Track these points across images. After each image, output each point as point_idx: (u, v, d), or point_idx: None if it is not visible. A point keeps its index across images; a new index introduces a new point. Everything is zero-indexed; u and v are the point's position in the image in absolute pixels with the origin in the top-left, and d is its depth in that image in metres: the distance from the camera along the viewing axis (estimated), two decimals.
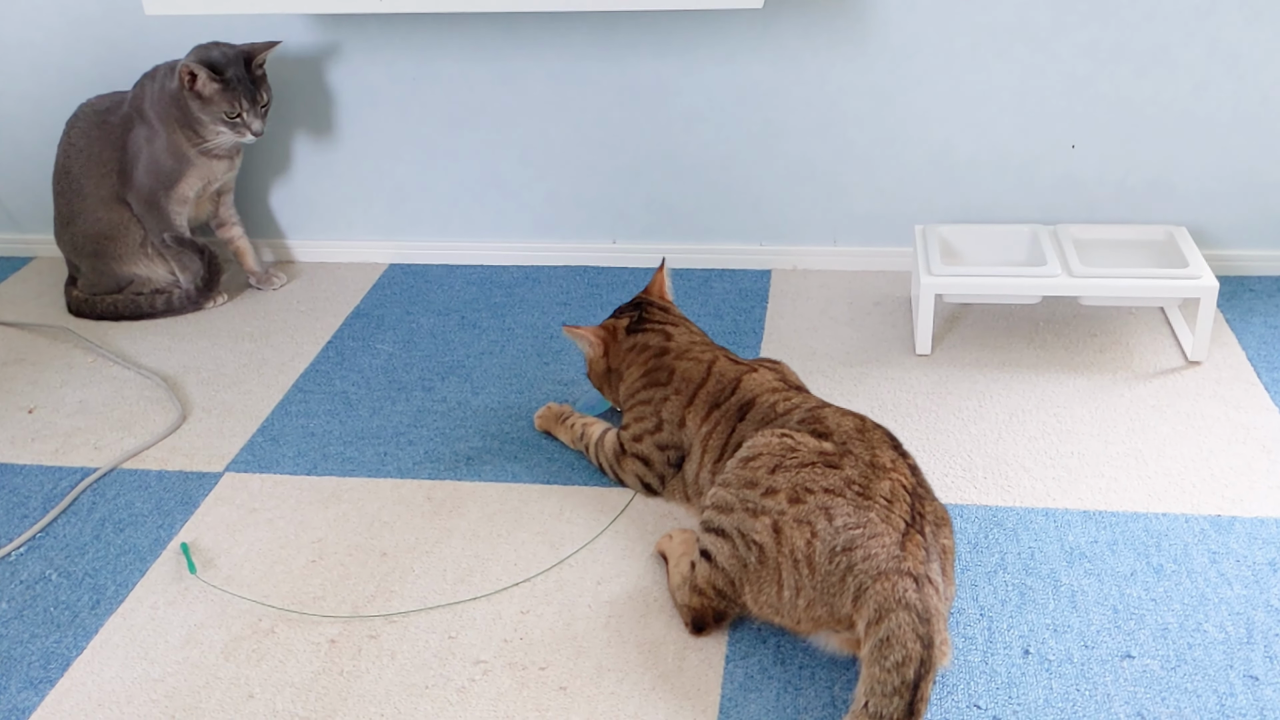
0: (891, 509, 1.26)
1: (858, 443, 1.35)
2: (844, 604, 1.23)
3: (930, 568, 1.23)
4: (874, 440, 1.36)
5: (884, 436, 1.38)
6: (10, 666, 1.39)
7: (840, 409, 1.43)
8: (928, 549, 1.25)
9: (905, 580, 1.20)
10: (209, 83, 1.95)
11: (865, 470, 1.30)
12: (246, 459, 1.74)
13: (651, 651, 1.36)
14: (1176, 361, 1.85)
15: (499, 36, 2.08)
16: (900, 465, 1.34)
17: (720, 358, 1.57)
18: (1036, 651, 1.33)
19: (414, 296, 2.18)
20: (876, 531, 1.24)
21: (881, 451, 1.34)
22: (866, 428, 1.38)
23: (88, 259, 2.13)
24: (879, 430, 1.39)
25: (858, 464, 1.31)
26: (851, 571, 1.22)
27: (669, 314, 1.67)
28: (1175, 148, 2.00)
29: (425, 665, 1.36)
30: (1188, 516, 1.52)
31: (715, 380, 1.53)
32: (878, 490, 1.28)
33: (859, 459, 1.32)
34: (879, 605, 1.19)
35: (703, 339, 1.63)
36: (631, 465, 1.58)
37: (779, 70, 2.04)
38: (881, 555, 1.22)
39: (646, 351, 1.61)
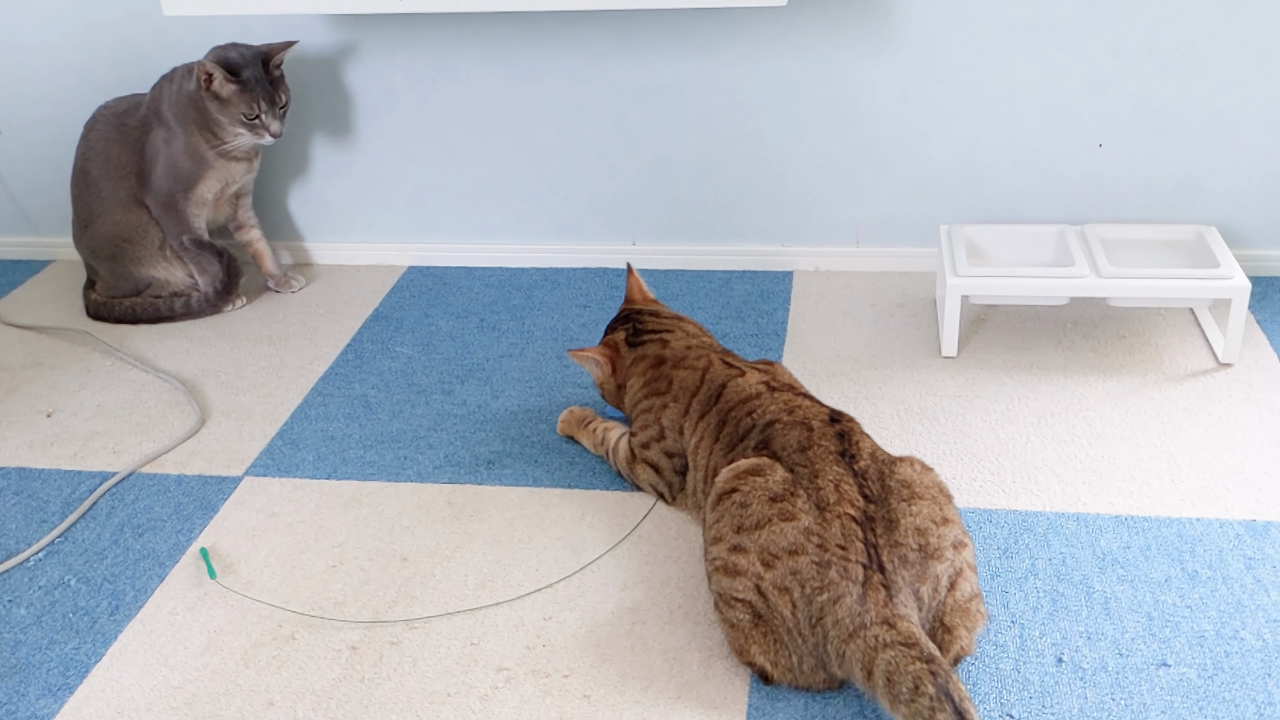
0: (847, 555, 1.23)
1: (802, 468, 1.32)
2: (834, 667, 1.22)
3: (896, 602, 1.20)
4: (817, 456, 1.33)
5: (830, 444, 1.34)
6: (29, 673, 1.38)
7: (794, 413, 1.40)
8: (889, 583, 1.21)
9: (874, 629, 1.18)
10: (226, 83, 1.94)
11: (816, 515, 1.27)
12: (266, 463, 1.73)
13: (676, 659, 1.34)
14: (1207, 363, 1.82)
15: (517, 37, 2.06)
16: (845, 484, 1.29)
17: (715, 362, 1.55)
18: (1070, 659, 1.31)
19: (433, 299, 2.17)
20: (838, 594, 1.21)
21: (825, 473, 1.30)
22: (813, 440, 1.35)
23: (106, 262, 2.12)
24: (826, 435, 1.35)
25: (809, 504, 1.28)
26: (828, 639, 1.21)
27: (660, 318, 1.66)
28: (1204, 146, 1.97)
29: (447, 672, 1.34)
30: (1222, 521, 1.49)
31: (707, 387, 1.52)
32: (831, 538, 1.24)
33: (807, 495, 1.29)
34: (862, 661, 1.18)
35: (699, 340, 1.62)
36: (643, 472, 1.57)
37: (801, 68, 2.01)
38: (846, 619, 1.19)
39: (645, 361, 1.60)
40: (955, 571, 1.26)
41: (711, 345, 1.62)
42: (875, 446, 1.38)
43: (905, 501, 1.29)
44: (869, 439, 1.39)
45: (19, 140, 2.32)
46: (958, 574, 1.26)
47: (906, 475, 1.32)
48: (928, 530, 1.26)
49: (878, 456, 1.35)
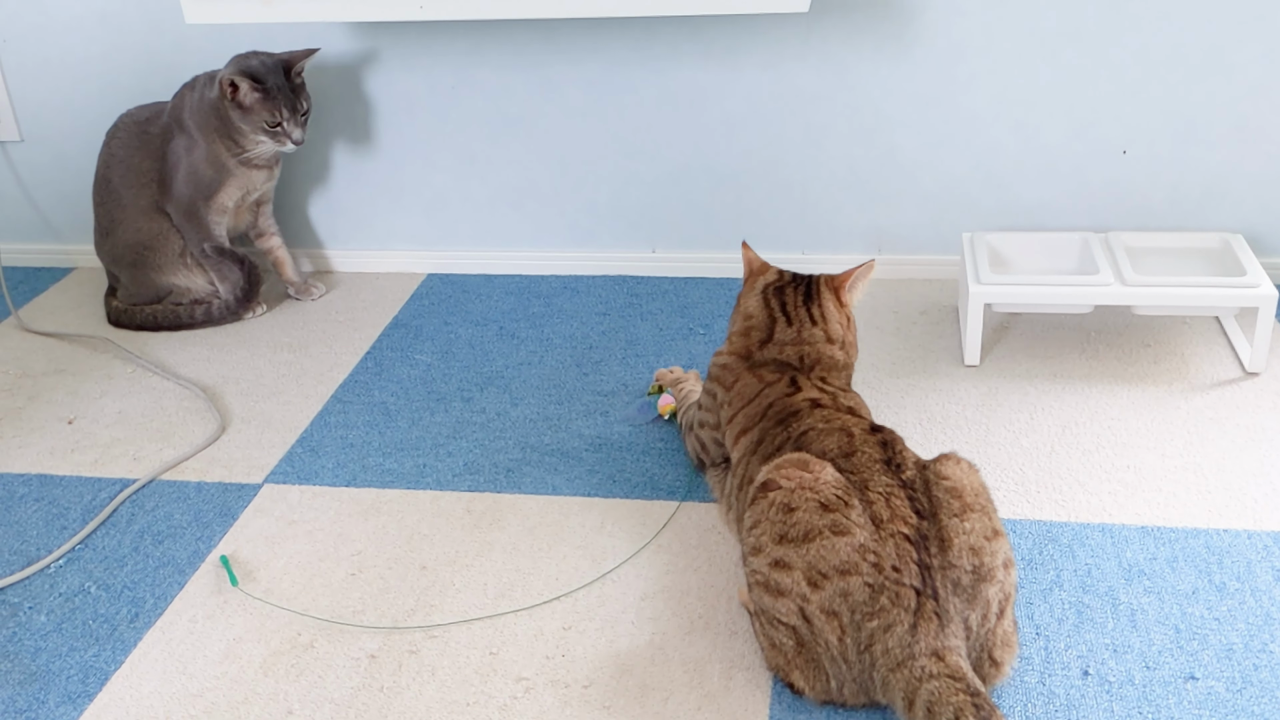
0: (901, 579, 1.18)
1: (850, 474, 1.27)
2: (877, 693, 1.19)
3: (947, 632, 1.17)
4: (862, 463, 1.28)
5: (873, 452, 1.29)
6: (49, 680, 1.38)
7: (831, 422, 1.36)
8: (941, 611, 1.17)
9: (922, 660, 1.15)
10: (250, 92, 1.95)
11: (872, 530, 1.21)
12: (285, 470, 1.72)
13: (697, 670, 1.33)
14: (1234, 373, 1.80)
15: (538, 44, 2.06)
16: (896, 497, 1.23)
17: (781, 379, 1.48)
18: (1096, 672, 1.29)
19: (452, 306, 2.16)
20: (890, 622, 1.17)
21: (874, 483, 1.25)
22: (854, 446, 1.30)
23: (127, 269, 2.13)
24: (868, 442, 1.30)
25: (863, 517, 1.22)
26: (874, 666, 1.18)
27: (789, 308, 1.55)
28: (1230, 153, 1.95)
29: (466, 682, 1.33)
30: (1250, 532, 1.47)
31: (758, 402, 1.46)
32: (887, 558, 1.19)
33: (861, 507, 1.23)
34: (905, 691, 1.15)
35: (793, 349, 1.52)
36: (691, 441, 1.61)
37: (822, 75, 2.00)
38: (895, 649, 1.16)
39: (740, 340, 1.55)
40: (1004, 596, 1.22)
41: (801, 357, 1.50)
42: (916, 457, 1.32)
43: (957, 516, 1.22)
44: (911, 451, 1.33)
45: (42, 148, 2.33)
46: (1006, 599, 1.22)
47: (955, 480, 1.25)
48: (981, 549, 1.21)
49: (921, 465, 1.29)
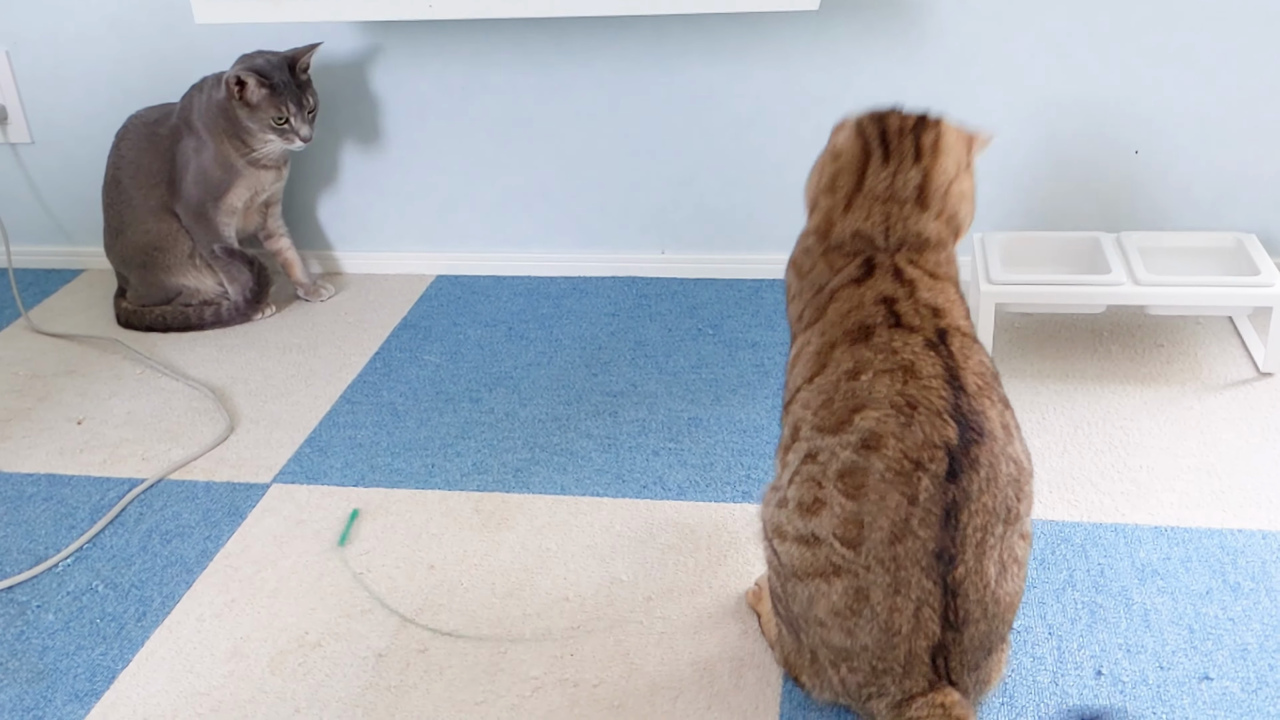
0: (908, 674, 1.10)
1: (880, 573, 1.08)
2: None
3: (960, 703, 1.11)
4: (904, 564, 1.08)
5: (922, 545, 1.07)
6: (56, 679, 1.37)
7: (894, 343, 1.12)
8: (961, 690, 1.11)
9: (912, 710, 1.11)
10: (257, 89, 1.95)
11: (881, 637, 1.09)
12: (294, 470, 1.72)
13: (706, 669, 1.32)
14: (1247, 373, 1.79)
15: (547, 45, 2.06)
16: (926, 611, 1.07)
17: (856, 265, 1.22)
18: (1109, 673, 1.28)
19: (461, 308, 2.16)
20: (887, 693, 1.12)
21: (905, 596, 1.08)
22: (900, 531, 1.07)
23: (137, 270, 2.13)
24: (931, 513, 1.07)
25: (872, 626, 1.09)
26: (875, 716, 1.15)
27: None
28: (1244, 152, 1.94)
29: (475, 681, 1.32)
30: (1265, 533, 1.46)
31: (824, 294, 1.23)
32: (893, 659, 1.09)
33: (877, 615, 1.09)
34: None
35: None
36: None
37: (832, 75, 2.00)
38: (887, 711, 1.12)
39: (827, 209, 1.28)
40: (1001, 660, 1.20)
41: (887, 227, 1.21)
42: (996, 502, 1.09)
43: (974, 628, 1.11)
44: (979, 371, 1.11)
45: (52, 150, 2.33)
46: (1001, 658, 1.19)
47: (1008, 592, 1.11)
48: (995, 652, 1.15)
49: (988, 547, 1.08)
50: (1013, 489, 1.09)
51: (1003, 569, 1.10)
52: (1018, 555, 1.12)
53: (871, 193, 1.21)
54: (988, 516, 1.08)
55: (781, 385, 1.83)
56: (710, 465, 1.66)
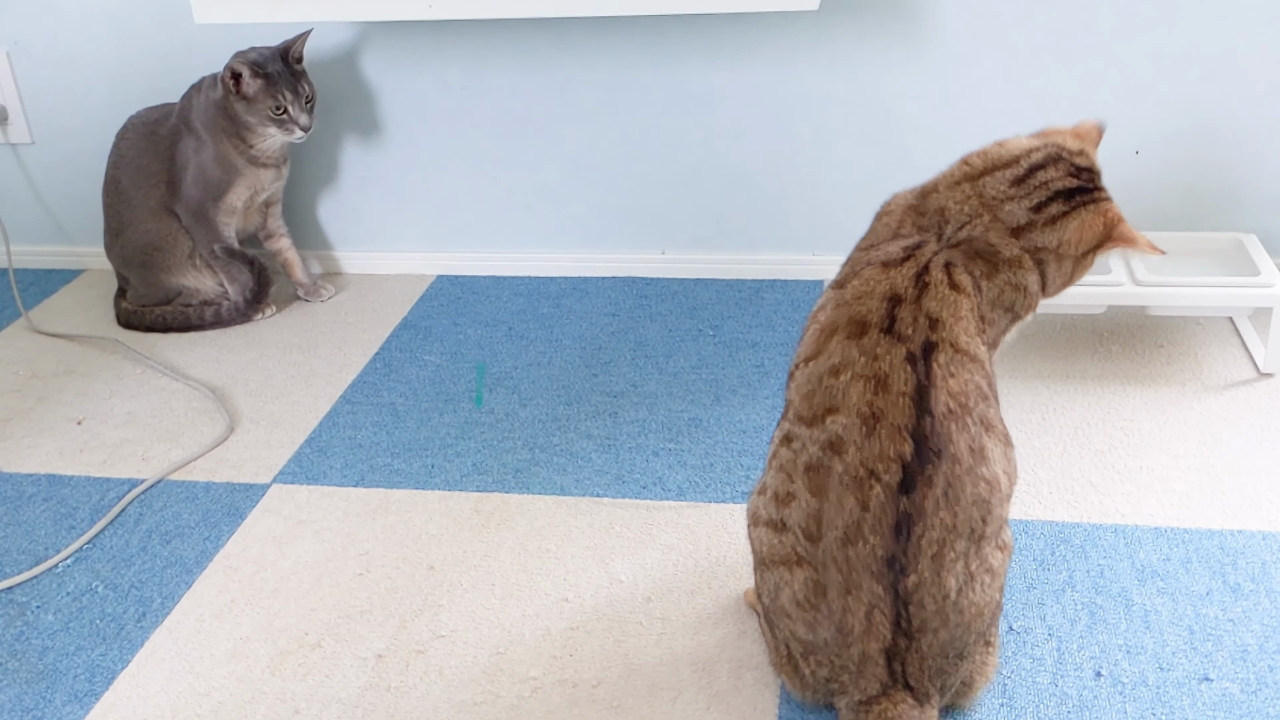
0: (861, 674, 1.13)
1: (834, 573, 1.12)
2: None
3: (916, 709, 1.14)
4: (855, 567, 1.10)
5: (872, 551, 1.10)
6: (56, 679, 1.37)
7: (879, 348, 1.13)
8: (914, 694, 1.13)
9: (868, 716, 1.14)
10: (252, 80, 1.95)
11: (836, 637, 1.13)
12: (294, 470, 1.72)
13: (705, 670, 1.32)
14: (1248, 373, 1.79)
15: (548, 45, 2.06)
16: (877, 615, 1.10)
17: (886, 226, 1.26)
18: (1109, 674, 1.28)
19: (461, 308, 2.16)
20: (846, 692, 1.15)
21: (857, 598, 1.11)
22: (852, 534, 1.10)
23: (137, 270, 2.13)
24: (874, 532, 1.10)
25: (828, 623, 1.13)
26: (839, 712, 1.17)
27: None
28: (1244, 153, 1.94)
29: (474, 681, 1.32)
30: (1265, 534, 1.46)
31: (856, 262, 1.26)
32: (848, 657, 1.13)
33: (832, 612, 1.13)
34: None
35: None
36: None
37: (832, 76, 2.00)
38: (847, 710, 1.16)
39: None
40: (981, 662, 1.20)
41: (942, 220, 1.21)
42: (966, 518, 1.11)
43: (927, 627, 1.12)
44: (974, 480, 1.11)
45: (52, 150, 2.33)
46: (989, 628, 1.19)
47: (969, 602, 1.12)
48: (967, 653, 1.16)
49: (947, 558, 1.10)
50: (979, 509, 1.10)
51: (970, 579, 1.12)
52: (991, 565, 1.13)
53: (982, 188, 1.22)
54: (945, 532, 1.09)
55: (780, 387, 1.84)
56: (710, 466, 1.66)
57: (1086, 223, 1.21)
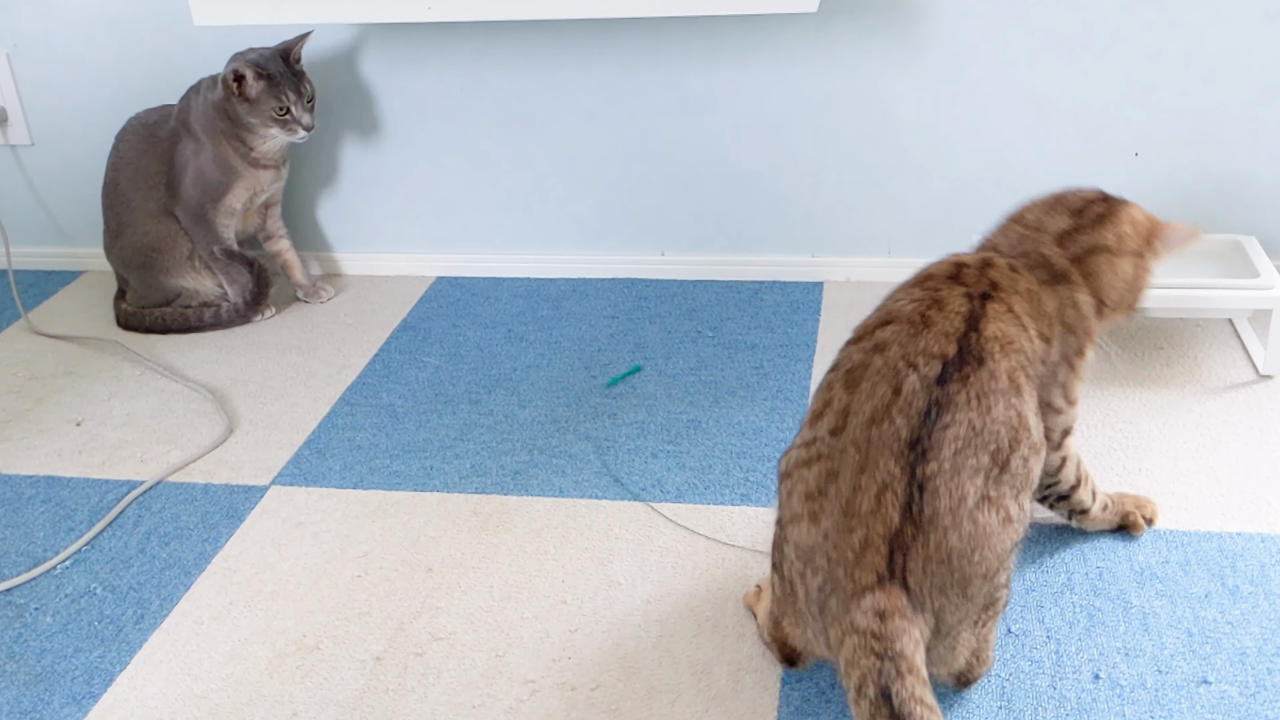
0: (860, 562, 1.10)
1: (852, 453, 1.14)
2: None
3: (909, 611, 1.09)
4: (872, 449, 1.13)
5: (896, 432, 1.12)
6: (54, 681, 1.37)
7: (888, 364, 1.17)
8: (909, 597, 1.09)
9: (859, 616, 1.09)
10: (255, 82, 1.95)
11: (840, 520, 1.12)
12: (292, 472, 1.72)
13: (704, 673, 1.32)
14: (1247, 375, 1.79)
15: (547, 46, 2.06)
16: (888, 496, 1.10)
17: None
18: (1107, 676, 1.27)
19: (461, 309, 2.16)
20: (840, 587, 1.11)
21: (870, 476, 1.12)
22: (879, 416, 1.13)
23: (136, 272, 2.13)
24: (912, 405, 1.13)
25: (832, 509, 1.13)
26: (827, 620, 1.13)
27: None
28: (1243, 155, 1.94)
29: (472, 684, 1.32)
30: (1264, 536, 1.46)
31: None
32: (847, 544, 1.11)
33: (841, 494, 1.13)
34: (831, 638, 1.11)
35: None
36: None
37: (831, 78, 2.00)
38: (836, 607, 1.11)
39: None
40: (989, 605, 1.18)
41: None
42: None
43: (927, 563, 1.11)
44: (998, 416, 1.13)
45: (52, 152, 2.33)
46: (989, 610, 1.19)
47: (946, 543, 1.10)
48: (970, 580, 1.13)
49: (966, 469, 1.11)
50: (1007, 432, 1.13)
51: (987, 503, 1.11)
52: (1010, 512, 1.13)
53: (1022, 216, 1.36)
54: (971, 434, 1.12)
55: (779, 389, 1.84)
56: (709, 468, 1.66)
57: (1134, 214, 1.32)
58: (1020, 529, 1.16)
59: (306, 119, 2.00)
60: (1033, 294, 1.25)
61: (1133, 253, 1.31)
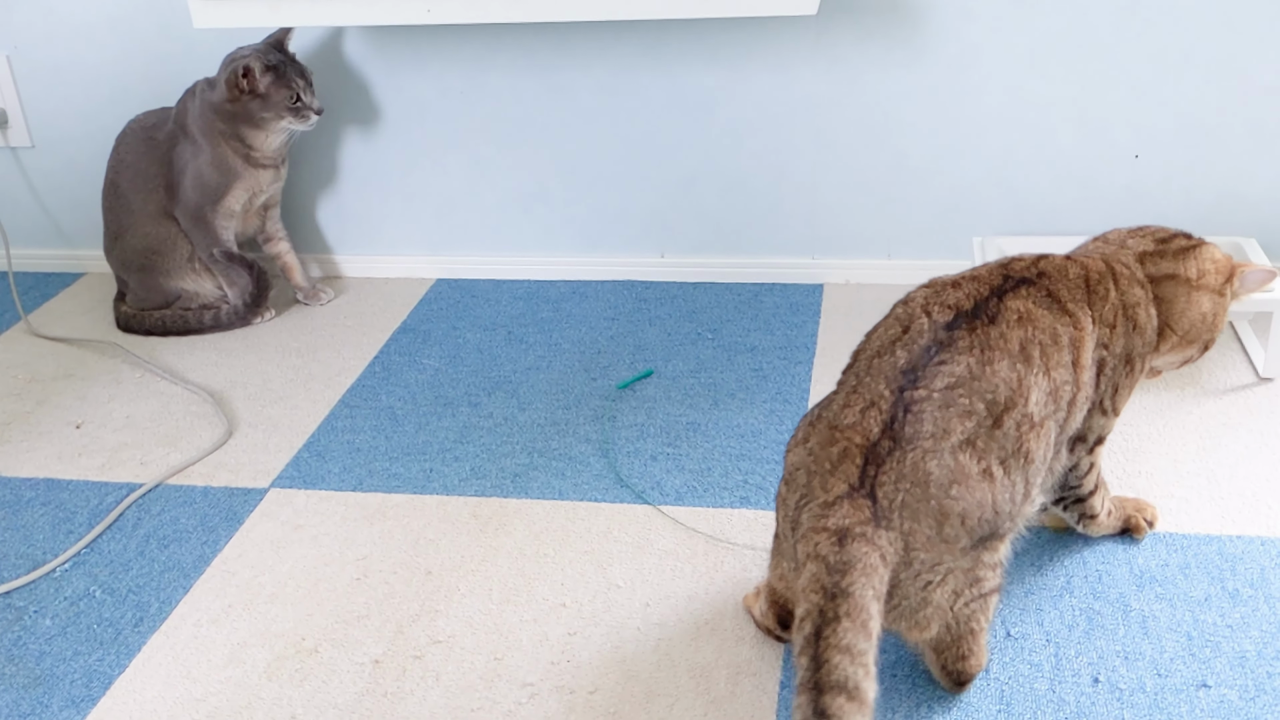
0: (835, 471, 1.12)
1: (851, 380, 1.20)
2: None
3: (871, 529, 1.08)
4: (869, 375, 1.19)
5: (894, 361, 1.17)
6: (53, 684, 1.37)
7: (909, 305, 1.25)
8: (875, 510, 1.09)
9: (820, 535, 1.08)
10: (263, 75, 1.95)
11: (825, 433, 1.16)
12: (292, 474, 1.72)
13: (703, 676, 1.31)
14: (1247, 378, 1.79)
15: (548, 48, 2.06)
16: (873, 412, 1.14)
17: None
18: (1107, 679, 1.27)
19: (460, 311, 2.16)
20: (813, 497, 1.12)
21: (860, 395, 1.16)
22: (884, 349, 1.20)
23: (136, 274, 2.13)
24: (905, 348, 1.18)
25: (820, 427, 1.17)
26: (796, 538, 1.13)
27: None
28: (1244, 157, 1.94)
29: (471, 688, 1.32)
30: (1264, 539, 1.46)
31: None
32: (826, 455, 1.14)
33: (831, 413, 1.18)
34: (798, 562, 1.09)
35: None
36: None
37: (832, 80, 1.99)
38: (806, 521, 1.11)
39: None
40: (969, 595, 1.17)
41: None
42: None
43: (900, 482, 1.11)
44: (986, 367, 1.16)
45: (53, 155, 2.33)
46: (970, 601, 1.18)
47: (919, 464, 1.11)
48: (948, 512, 1.11)
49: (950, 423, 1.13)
50: (1005, 389, 1.15)
51: (970, 449, 1.12)
52: (992, 470, 1.13)
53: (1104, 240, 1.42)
54: (968, 378, 1.15)
55: (779, 391, 1.83)
56: (708, 470, 1.66)
57: (1215, 253, 1.36)
58: (1002, 495, 1.14)
59: (316, 104, 2.01)
60: (1093, 279, 1.27)
61: (1212, 290, 1.35)
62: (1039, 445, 1.18)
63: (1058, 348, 1.21)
